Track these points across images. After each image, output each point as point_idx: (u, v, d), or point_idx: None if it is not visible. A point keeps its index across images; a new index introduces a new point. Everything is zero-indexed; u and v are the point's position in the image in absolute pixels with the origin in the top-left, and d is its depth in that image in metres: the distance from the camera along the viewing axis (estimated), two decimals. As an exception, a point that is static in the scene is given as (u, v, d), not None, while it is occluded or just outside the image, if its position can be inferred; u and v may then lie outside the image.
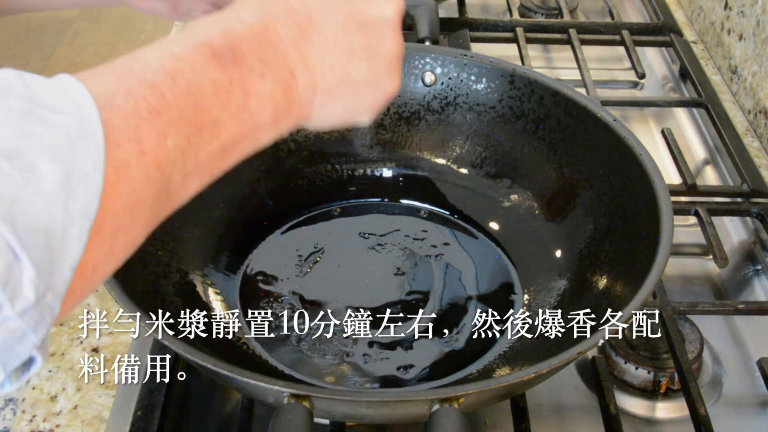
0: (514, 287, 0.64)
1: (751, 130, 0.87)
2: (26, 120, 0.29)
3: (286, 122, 0.41)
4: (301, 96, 0.41)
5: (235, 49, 0.38)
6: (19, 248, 0.28)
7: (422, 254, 0.66)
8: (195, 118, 0.35)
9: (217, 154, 0.37)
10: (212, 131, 0.36)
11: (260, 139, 0.40)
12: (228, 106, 0.37)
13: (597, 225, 0.62)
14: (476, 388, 0.47)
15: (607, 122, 0.61)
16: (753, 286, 0.70)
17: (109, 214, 0.31)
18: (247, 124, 0.38)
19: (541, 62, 0.98)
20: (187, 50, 0.36)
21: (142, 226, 0.34)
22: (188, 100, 0.35)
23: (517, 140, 0.68)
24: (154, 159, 0.33)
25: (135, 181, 0.32)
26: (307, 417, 0.43)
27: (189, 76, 0.35)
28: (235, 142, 0.38)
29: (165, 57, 0.35)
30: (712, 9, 1.00)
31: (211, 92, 0.36)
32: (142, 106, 0.33)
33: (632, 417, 0.59)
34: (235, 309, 0.61)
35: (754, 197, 0.75)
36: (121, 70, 0.34)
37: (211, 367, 0.45)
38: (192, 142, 0.35)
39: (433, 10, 0.88)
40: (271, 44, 0.39)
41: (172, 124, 0.34)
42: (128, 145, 0.32)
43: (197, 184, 0.37)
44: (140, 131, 0.32)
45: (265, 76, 0.38)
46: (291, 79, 0.40)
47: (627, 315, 0.48)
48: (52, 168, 0.29)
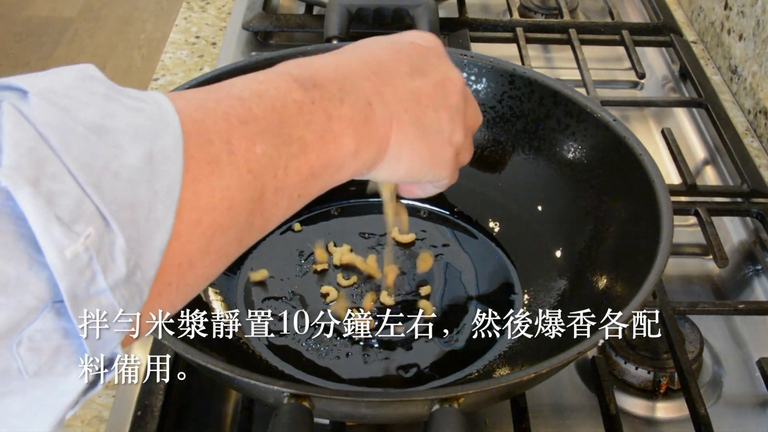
0: (514, 287, 0.64)
1: (751, 130, 0.87)
2: (109, 102, 0.30)
3: (367, 153, 0.41)
4: (379, 127, 0.42)
5: (314, 77, 0.39)
6: (110, 217, 0.28)
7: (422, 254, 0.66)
8: (281, 133, 0.36)
9: (305, 175, 0.37)
10: (299, 147, 0.37)
11: (343, 169, 0.40)
12: (312, 125, 0.37)
13: (597, 225, 0.62)
14: (476, 388, 0.47)
15: (607, 122, 0.61)
16: (753, 286, 0.70)
17: (207, 209, 0.32)
18: (332, 148, 0.38)
19: (541, 62, 0.98)
20: (269, 77, 0.38)
21: (237, 232, 0.34)
22: (274, 116, 0.36)
23: (517, 140, 0.68)
24: (245, 162, 0.34)
25: (228, 178, 0.33)
26: (307, 417, 0.43)
27: (273, 95, 0.37)
28: (322, 166, 0.38)
29: (248, 80, 0.37)
30: (712, 9, 1.00)
31: (295, 111, 0.37)
32: (231, 114, 0.34)
33: (632, 417, 0.59)
34: (235, 309, 0.61)
35: (754, 197, 0.75)
36: (208, 88, 0.36)
37: (211, 367, 0.45)
38: (281, 154, 0.36)
39: (433, 10, 0.88)
40: (347, 77, 0.41)
41: (260, 134, 0.35)
42: (219, 144, 0.33)
43: (287, 203, 0.37)
44: (230, 134, 0.34)
45: (345, 102, 0.39)
46: (368, 108, 0.41)
47: (627, 315, 0.48)
48: (136, 146, 0.30)
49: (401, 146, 0.43)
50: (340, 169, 0.40)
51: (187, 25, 1.00)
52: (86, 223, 0.27)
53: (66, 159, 0.28)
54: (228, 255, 0.35)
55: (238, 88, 0.36)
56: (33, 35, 2.65)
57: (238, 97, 0.35)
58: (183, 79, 0.90)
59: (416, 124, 0.44)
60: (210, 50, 0.96)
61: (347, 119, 0.39)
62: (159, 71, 0.92)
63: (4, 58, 2.55)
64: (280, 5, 1.06)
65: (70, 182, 0.27)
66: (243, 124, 0.34)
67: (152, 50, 2.56)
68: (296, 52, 0.66)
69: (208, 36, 0.99)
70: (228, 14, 1.02)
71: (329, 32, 0.86)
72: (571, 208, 0.64)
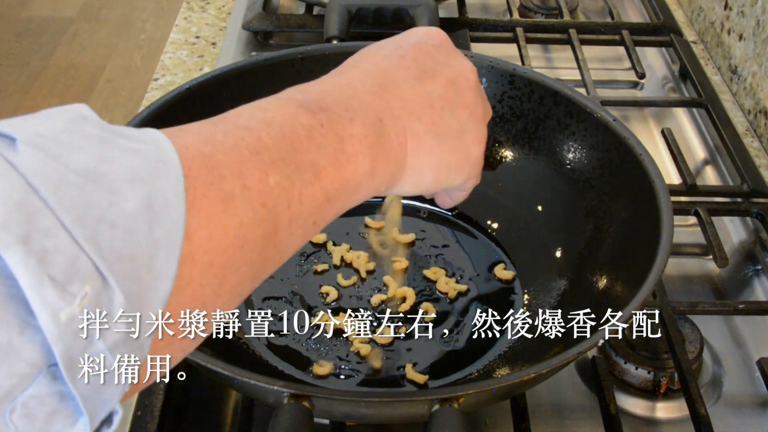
0: (514, 287, 0.64)
1: (751, 130, 0.87)
2: (104, 145, 0.28)
3: (385, 170, 0.40)
4: (393, 142, 0.40)
5: (319, 101, 0.38)
6: (108, 272, 0.26)
7: (422, 254, 0.66)
8: (294, 160, 0.35)
9: (320, 201, 0.36)
10: (313, 173, 0.35)
11: (360, 190, 0.39)
12: (324, 149, 0.36)
13: (597, 225, 0.62)
14: (476, 388, 0.47)
15: (607, 122, 0.62)
16: (753, 286, 0.70)
17: (219, 250, 0.30)
18: (347, 170, 0.37)
19: (541, 62, 0.98)
20: (274, 104, 0.37)
21: (250, 269, 0.33)
22: (284, 143, 0.35)
23: (517, 140, 0.68)
24: (259, 195, 0.32)
25: (242, 215, 0.31)
26: (307, 417, 0.43)
27: (281, 122, 0.35)
28: (337, 190, 0.37)
29: (254, 109, 0.36)
30: (712, 9, 1.00)
31: (305, 135, 0.36)
32: (241, 145, 0.33)
33: (632, 417, 0.59)
34: (234, 309, 0.61)
35: (754, 197, 0.75)
36: (215, 120, 0.34)
37: (211, 367, 0.45)
38: (294, 183, 0.34)
39: (433, 10, 0.88)
40: (353, 96, 0.40)
41: (273, 163, 0.33)
42: (231, 179, 0.31)
43: (302, 232, 0.36)
44: (242, 166, 0.32)
45: (354, 122, 0.38)
46: (379, 124, 0.39)
47: (627, 315, 0.48)
48: (134, 191, 0.28)
49: (420, 157, 0.42)
50: (356, 191, 0.38)
51: (187, 25, 1.00)
52: (82, 282, 0.25)
53: (59, 211, 0.26)
54: (241, 294, 0.34)
55: (245, 118, 0.35)
56: (33, 35, 2.65)
57: (246, 126, 0.34)
58: (183, 79, 0.90)
59: (433, 131, 0.42)
60: (210, 50, 0.96)
61: (359, 138, 0.38)
62: (159, 71, 0.92)
63: (4, 58, 2.55)
64: (280, 5, 1.06)
65: (64, 237, 0.25)
66: (254, 154, 0.33)
67: (152, 50, 2.56)
68: (296, 52, 0.66)
69: (208, 36, 0.99)
70: (228, 14, 1.02)
71: (329, 32, 0.86)
72: (571, 208, 0.64)
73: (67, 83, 2.43)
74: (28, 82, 2.43)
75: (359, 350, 0.58)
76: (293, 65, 0.66)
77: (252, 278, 0.34)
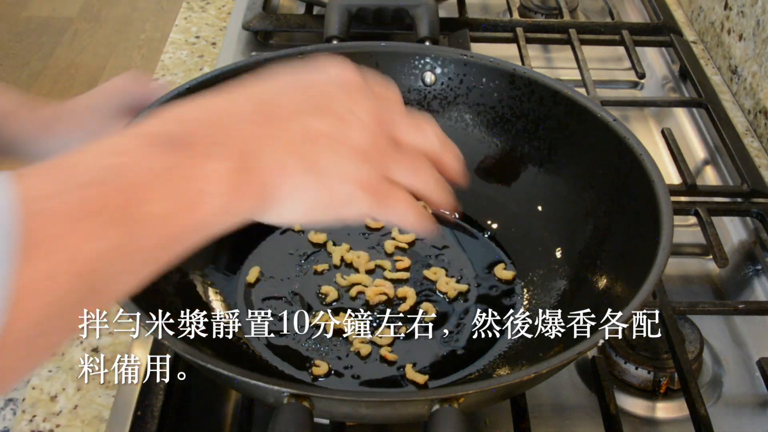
0: (514, 287, 0.64)
1: (751, 130, 0.87)
2: None
3: (242, 205, 0.39)
4: (256, 176, 0.39)
5: (186, 133, 0.37)
6: None
7: (422, 254, 0.66)
8: (136, 214, 0.34)
9: (158, 246, 0.36)
10: (150, 228, 0.35)
11: (213, 226, 0.38)
12: (168, 196, 0.36)
13: (597, 225, 0.62)
14: (476, 388, 0.47)
15: (607, 122, 0.61)
16: (753, 286, 0.70)
17: (36, 321, 0.31)
18: (194, 212, 0.37)
19: (541, 62, 0.98)
20: (130, 144, 0.36)
21: (67, 324, 0.33)
22: (130, 195, 0.34)
23: (517, 140, 0.68)
24: (88, 263, 0.32)
25: (59, 289, 0.31)
26: (307, 417, 0.43)
27: (134, 168, 0.35)
28: (181, 233, 0.37)
29: (104, 153, 0.35)
30: (712, 9, 1.00)
31: (148, 184, 0.35)
32: (83, 208, 0.32)
33: (632, 417, 0.59)
34: (235, 309, 0.61)
35: (754, 197, 0.75)
36: (59, 166, 0.34)
37: (211, 367, 0.45)
38: (132, 240, 0.34)
39: (433, 10, 0.88)
40: (227, 126, 0.39)
41: (111, 225, 0.33)
42: (63, 252, 0.31)
43: (133, 281, 0.36)
44: (76, 236, 0.32)
45: (211, 158, 0.37)
46: (243, 157, 0.38)
47: (627, 315, 0.48)
48: None
49: (291, 191, 0.40)
50: (206, 228, 0.38)
51: (187, 25, 1.00)
52: None
53: None
54: (59, 342, 0.34)
55: (99, 166, 0.34)
56: (33, 35, 2.65)
57: (86, 183, 0.33)
58: (183, 79, 0.90)
59: (307, 168, 0.41)
60: (210, 50, 0.96)
61: (215, 177, 0.37)
62: (159, 71, 0.92)
63: (4, 58, 2.55)
64: (280, 5, 1.06)
65: None
66: (95, 215, 0.33)
67: (152, 50, 2.56)
68: (296, 52, 0.66)
69: (208, 36, 0.99)
70: (228, 14, 1.02)
71: (329, 32, 0.86)
72: (571, 208, 0.64)
73: (67, 83, 2.43)
74: (28, 82, 2.43)
75: (359, 350, 0.58)
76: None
77: (71, 328, 0.34)
